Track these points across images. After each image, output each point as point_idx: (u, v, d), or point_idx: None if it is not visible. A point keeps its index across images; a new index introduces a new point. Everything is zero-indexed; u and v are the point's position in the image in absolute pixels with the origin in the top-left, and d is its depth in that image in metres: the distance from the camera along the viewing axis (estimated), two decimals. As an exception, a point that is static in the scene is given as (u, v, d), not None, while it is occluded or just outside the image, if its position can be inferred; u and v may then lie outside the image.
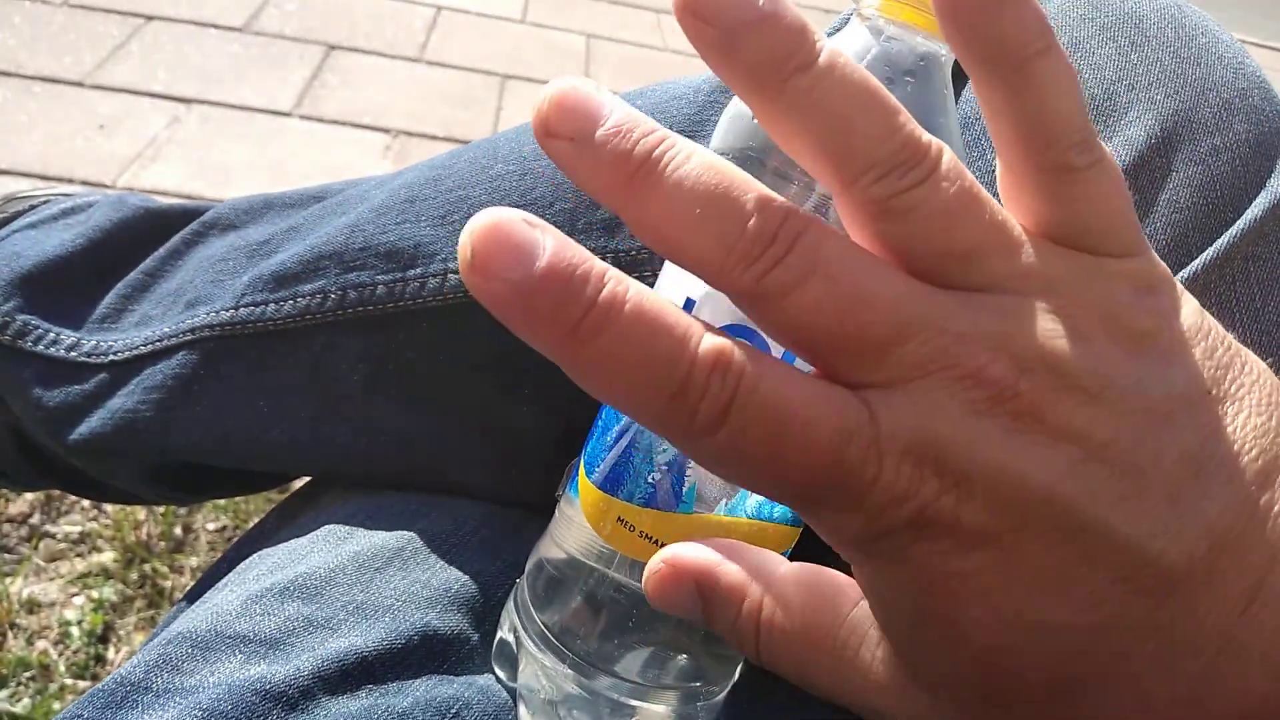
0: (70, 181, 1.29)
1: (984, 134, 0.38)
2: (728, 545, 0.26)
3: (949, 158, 0.20)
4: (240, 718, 0.31)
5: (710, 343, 0.19)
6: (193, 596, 0.43)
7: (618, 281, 0.19)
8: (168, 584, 0.91)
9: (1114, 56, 0.37)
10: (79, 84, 1.49)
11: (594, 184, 0.20)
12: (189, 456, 0.47)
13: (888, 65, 0.26)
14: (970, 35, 0.20)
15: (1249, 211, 0.34)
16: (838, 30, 0.43)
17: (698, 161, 0.20)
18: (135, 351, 0.47)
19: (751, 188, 0.20)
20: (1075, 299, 0.20)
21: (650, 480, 0.30)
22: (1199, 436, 0.20)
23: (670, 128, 0.43)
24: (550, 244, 0.18)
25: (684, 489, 0.30)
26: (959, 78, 0.40)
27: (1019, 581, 0.19)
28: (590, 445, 0.32)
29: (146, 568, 0.91)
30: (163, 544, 0.94)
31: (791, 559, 0.33)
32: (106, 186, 1.30)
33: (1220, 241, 0.33)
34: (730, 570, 0.25)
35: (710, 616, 0.26)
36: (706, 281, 0.20)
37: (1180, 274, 0.34)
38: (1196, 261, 0.33)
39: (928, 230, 0.20)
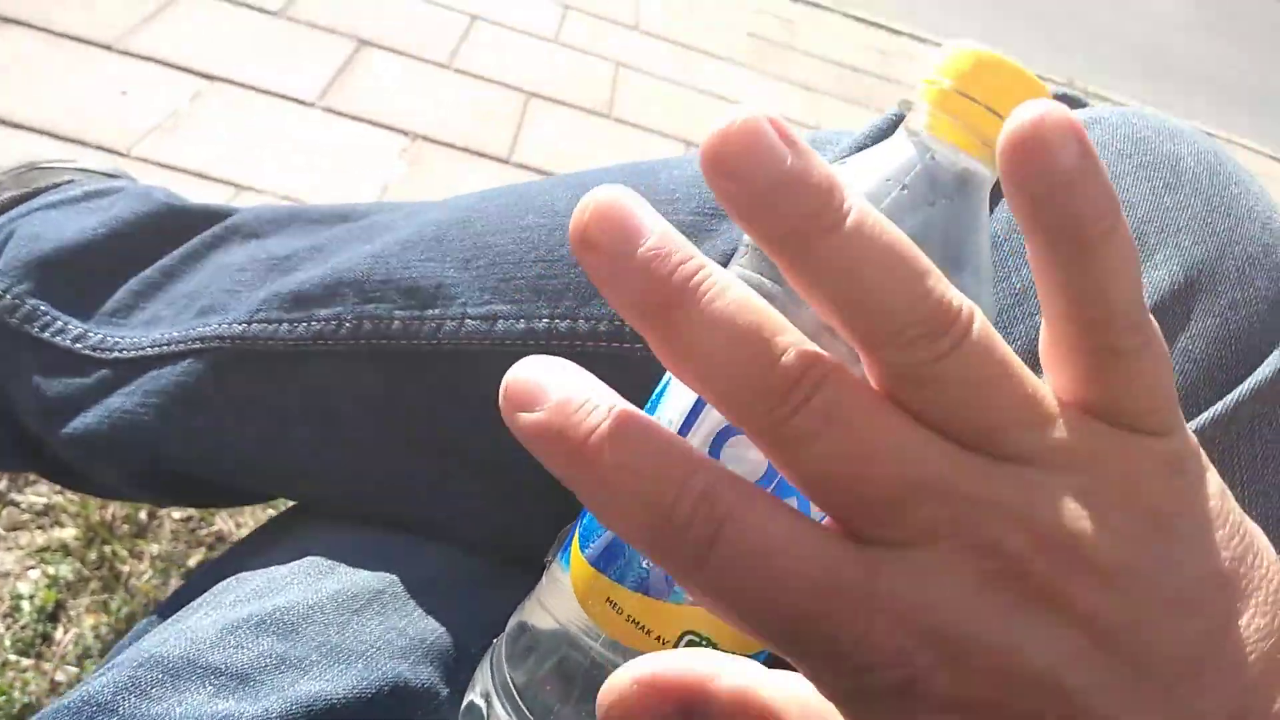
0: (84, 144, 1.28)
1: (1012, 252, 0.39)
2: (703, 655, 0.24)
3: (979, 325, 0.20)
4: (205, 755, 0.30)
5: (704, 475, 0.19)
6: (165, 612, 0.42)
7: (618, 407, 0.19)
8: (125, 569, 0.89)
9: (1148, 196, 0.38)
10: (107, 47, 1.48)
11: (627, 302, 0.19)
12: (179, 466, 0.47)
13: (930, 185, 0.26)
14: (1040, 211, 0.20)
15: (1261, 370, 0.34)
16: (879, 135, 0.43)
17: (733, 296, 0.19)
18: (141, 352, 0.47)
19: (781, 329, 0.19)
20: (1102, 477, 0.20)
21: (645, 565, 0.29)
22: (1204, 631, 0.19)
23: (703, 204, 0.43)
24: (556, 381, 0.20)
25: None
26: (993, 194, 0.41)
27: None
28: (587, 517, 0.31)
29: (107, 549, 0.90)
30: (126, 527, 0.93)
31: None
32: (121, 154, 1.29)
33: (1230, 397, 0.34)
34: (726, 684, 0.23)
35: None
36: (726, 417, 0.20)
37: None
38: (1205, 415, 0.34)
39: (953, 402, 0.19)
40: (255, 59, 1.61)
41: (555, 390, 0.20)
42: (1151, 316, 0.21)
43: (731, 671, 0.23)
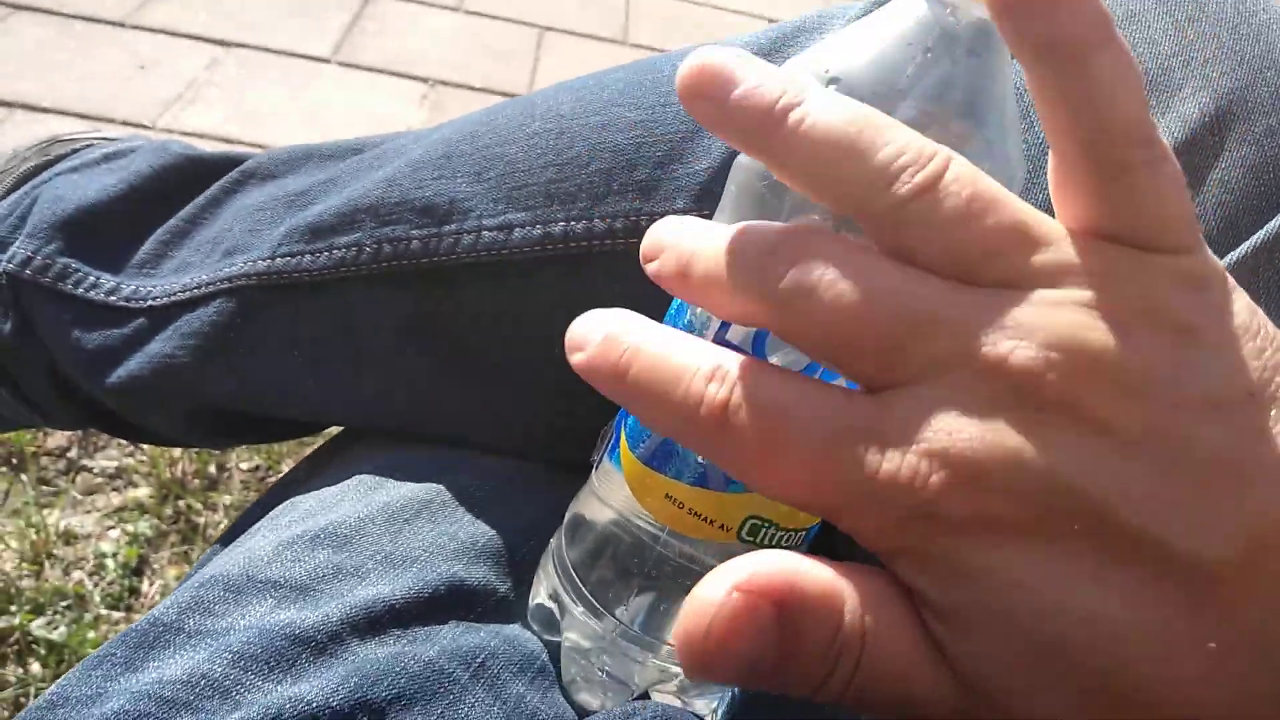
0: (110, 122, 1.30)
1: (1034, 104, 0.37)
2: (781, 555, 0.21)
3: (958, 163, 0.20)
4: (269, 660, 0.32)
5: (711, 357, 0.21)
6: (226, 540, 0.44)
7: (631, 320, 0.23)
8: (201, 520, 0.93)
9: (1171, 31, 0.36)
10: (120, 24, 1.50)
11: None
12: (223, 402, 0.48)
13: (951, 43, 0.26)
14: (1025, 27, 0.20)
15: None
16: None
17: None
18: (173, 298, 0.48)
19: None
20: (1114, 291, 0.19)
21: (701, 461, 0.29)
22: (1237, 437, 0.19)
23: None
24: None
25: None
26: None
27: (1055, 573, 0.19)
28: (632, 418, 0.31)
29: (181, 504, 0.94)
30: (197, 481, 0.96)
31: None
32: (146, 128, 1.31)
33: (1271, 225, 0.33)
34: (817, 577, 0.20)
35: (795, 647, 0.20)
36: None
37: (1229, 255, 0.33)
38: (1246, 244, 0.33)
39: (942, 236, 0.20)
40: (266, 21, 1.61)
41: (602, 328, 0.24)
42: (1161, 136, 0.20)
43: (812, 568, 0.21)
